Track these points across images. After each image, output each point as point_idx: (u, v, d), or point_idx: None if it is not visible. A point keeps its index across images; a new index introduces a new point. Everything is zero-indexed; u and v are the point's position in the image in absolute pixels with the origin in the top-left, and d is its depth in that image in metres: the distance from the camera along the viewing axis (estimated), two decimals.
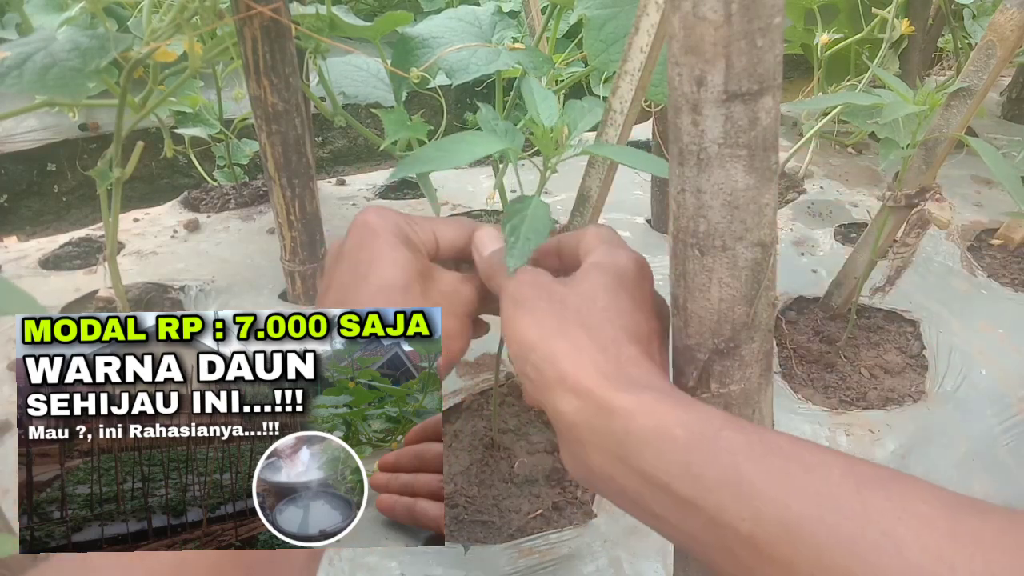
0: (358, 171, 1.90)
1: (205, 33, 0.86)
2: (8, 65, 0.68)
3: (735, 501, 0.27)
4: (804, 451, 0.27)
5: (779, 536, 0.25)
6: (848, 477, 0.26)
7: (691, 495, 0.28)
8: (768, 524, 0.26)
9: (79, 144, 1.85)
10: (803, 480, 0.26)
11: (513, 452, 0.83)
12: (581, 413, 0.32)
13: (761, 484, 0.26)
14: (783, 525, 0.25)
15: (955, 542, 0.23)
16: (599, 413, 0.31)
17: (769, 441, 0.28)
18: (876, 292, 0.96)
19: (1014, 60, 0.91)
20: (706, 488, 0.27)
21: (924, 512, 0.24)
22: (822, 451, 0.27)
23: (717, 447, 0.28)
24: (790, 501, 0.26)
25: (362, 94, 0.97)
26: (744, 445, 0.28)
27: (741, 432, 0.28)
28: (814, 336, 1.04)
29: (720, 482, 0.27)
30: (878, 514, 0.24)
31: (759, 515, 0.26)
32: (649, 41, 0.52)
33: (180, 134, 1.43)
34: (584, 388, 0.31)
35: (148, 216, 1.40)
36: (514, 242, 0.40)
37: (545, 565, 0.71)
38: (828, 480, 0.26)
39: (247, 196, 1.45)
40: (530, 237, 0.40)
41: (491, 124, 0.47)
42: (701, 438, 0.28)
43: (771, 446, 0.28)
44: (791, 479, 0.26)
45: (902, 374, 0.98)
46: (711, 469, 0.27)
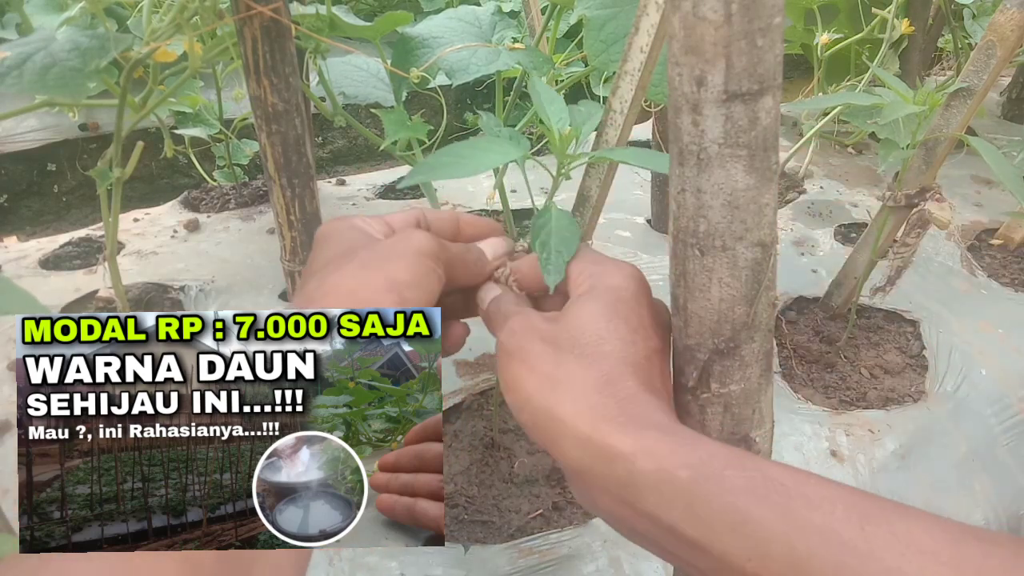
0: (358, 171, 1.90)
1: (205, 33, 0.86)
2: (8, 65, 0.68)
3: (740, 541, 0.27)
4: (807, 487, 0.27)
5: (784, 575, 0.26)
6: (852, 512, 0.26)
7: (697, 536, 0.28)
8: (773, 563, 0.26)
9: (79, 144, 1.85)
10: (807, 517, 0.26)
11: (513, 452, 0.83)
12: (584, 460, 0.32)
13: (765, 523, 0.27)
14: (788, 564, 0.26)
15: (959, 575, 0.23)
16: (600, 458, 0.31)
17: (772, 478, 0.28)
18: (876, 292, 0.96)
19: (1014, 60, 0.91)
20: (711, 529, 0.28)
21: (928, 546, 0.24)
22: (825, 485, 0.28)
23: (721, 488, 0.28)
24: (794, 539, 0.26)
25: (362, 94, 0.97)
26: (747, 484, 0.28)
27: (743, 470, 0.28)
28: (814, 336, 1.04)
29: (724, 523, 0.27)
30: (882, 550, 0.25)
31: (764, 554, 0.26)
32: (649, 41, 0.52)
33: (180, 134, 1.43)
34: (583, 435, 0.31)
35: (148, 216, 1.40)
36: (547, 258, 0.40)
37: (545, 565, 0.71)
38: (832, 516, 0.26)
39: (247, 196, 1.45)
40: (561, 249, 0.40)
41: (495, 131, 0.47)
42: (704, 479, 0.28)
43: (774, 484, 0.28)
44: (795, 517, 0.26)
45: (902, 374, 0.98)
46: (715, 510, 0.28)
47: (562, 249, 0.40)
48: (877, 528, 0.25)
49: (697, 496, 0.28)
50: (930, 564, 0.24)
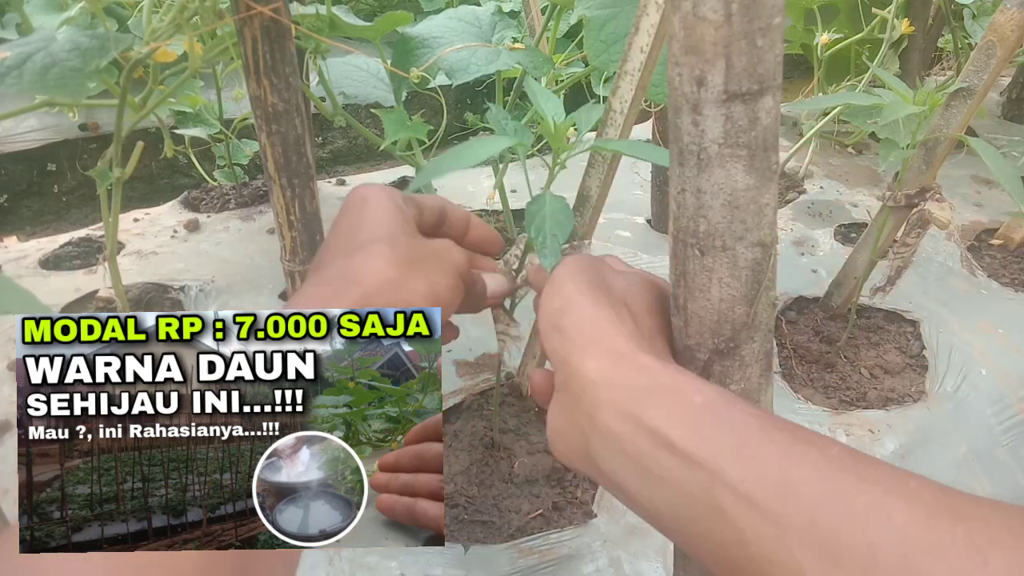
0: (358, 171, 1.90)
1: (205, 33, 0.86)
2: (8, 65, 0.68)
3: (738, 462, 0.28)
4: (809, 432, 0.30)
5: (775, 495, 0.27)
6: (847, 454, 0.28)
7: (696, 453, 0.29)
8: (766, 484, 0.27)
9: (79, 144, 1.85)
10: (804, 451, 0.28)
11: (513, 452, 0.83)
12: (606, 371, 0.33)
13: (764, 451, 0.28)
14: (780, 486, 0.27)
15: (943, 514, 0.25)
16: (626, 370, 0.33)
17: (778, 420, 0.30)
18: (876, 292, 0.96)
19: (1014, 60, 0.91)
20: (712, 449, 0.29)
21: (915, 488, 0.26)
22: (824, 437, 0.30)
23: (730, 416, 0.30)
24: (789, 469, 0.27)
25: (362, 94, 0.97)
26: (754, 419, 0.30)
27: (753, 408, 0.31)
28: (814, 336, 1.04)
29: (726, 445, 0.29)
30: (871, 484, 0.26)
31: (759, 476, 0.28)
32: (649, 41, 0.52)
33: (180, 134, 1.43)
34: (618, 349, 0.34)
35: (148, 216, 1.40)
36: (543, 242, 0.41)
37: (545, 565, 0.71)
38: (827, 453, 0.28)
39: (247, 196, 1.45)
40: (556, 233, 0.41)
41: (501, 124, 0.47)
42: (716, 407, 0.30)
43: (778, 423, 0.30)
44: (793, 449, 0.28)
45: (902, 374, 0.98)
46: (720, 433, 0.29)
47: (557, 232, 0.41)
48: (869, 469, 0.27)
49: (705, 418, 0.30)
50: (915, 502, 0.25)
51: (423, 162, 0.93)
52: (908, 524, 0.25)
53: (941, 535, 0.24)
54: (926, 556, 0.24)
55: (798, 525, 0.26)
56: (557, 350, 0.36)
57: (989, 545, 0.23)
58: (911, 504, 0.25)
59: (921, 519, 0.25)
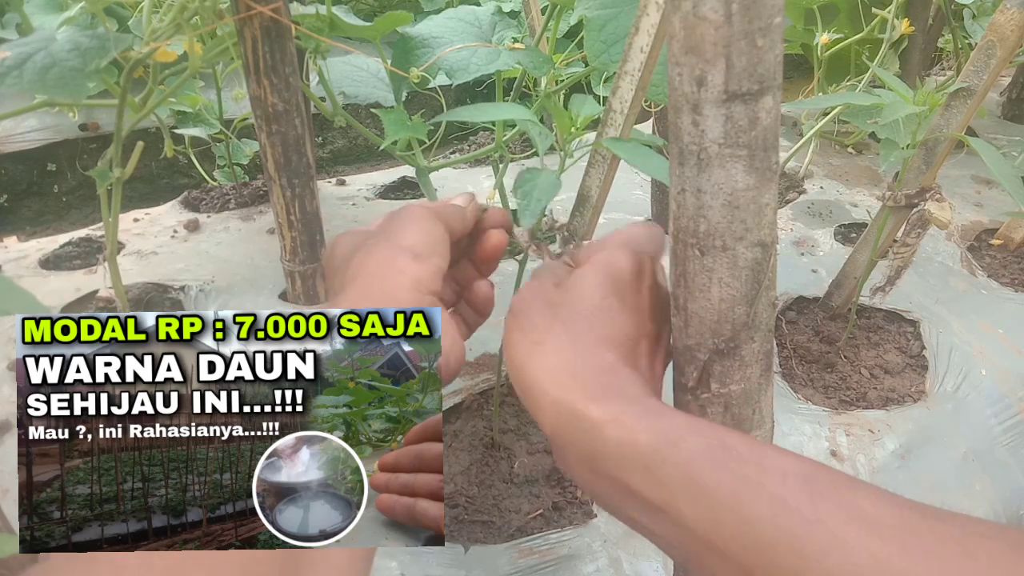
0: (358, 171, 1.90)
1: (205, 33, 0.86)
2: (8, 65, 0.68)
3: (694, 505, 0.28)
4: (763, 457, 0.28)
5: (733, 537, 0.26)
6: (802, 482, 0.27)
7: (654, 499, 0.29)
8: (723, 526, 0.27)
9: (79, 144, 1.85)
10: (758, 484, 0.27)
11: (513, 452, 0.83)
12: (557, 423, 0.33)
13: (718, 489, 0.27)
14: (736, 527, 0.26)
15: (901, 548, 0.24)
16: (571, 423, 0.32)
17: (730, 446, 0.29)
18: (876, 292, 0.96)
19: (1014, 60, 0.91)
20: (668, 492, 0.29)
21: (872, 516, 0.25)
22: (781, 456, 0.28)
23: (678, 453, 0.29)
24: (744, 505, 0.27)
25: (362, 94, 0.97)
26: (704, 450, 0.29)
27: (702, 437, 0.29)
28: (814, 336, 1.04)
29: (680, 487, 0.28)
30: (828, 518, 0.25)
31: (716, 519, 0.27)
32: (649, 41, 0.52)
33: (180, 134, 1.43)
34: (559, 399, 0.33)
35: (148, 216, 1.40)
36: (526, 204, 0.42)
37: (545, 565, 0.71)
38: (783, 485, 0.27)
39: (247, 196, 1.45)
40: (541, 198, 0.42)
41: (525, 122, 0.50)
42: (663, 445, 0.29)
43: (730, 452, 0.28)
44: (747, 483, 0.27)
45: (902, 374, 0.98)
46: (672, 474, 0.29)
47: (542, 198, 0.43)
48: (826, 498, 0.26)
49: (655, 460, 0.29)
50: (874, 535, 0.24)
51: (423, 162, 0.93)
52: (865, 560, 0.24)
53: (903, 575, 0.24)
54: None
55: (759, 570, 0.26)
56: (521, 400, 0.36)
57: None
58: (867, 540, 0.24)
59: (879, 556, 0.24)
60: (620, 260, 0.38)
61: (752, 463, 0.28)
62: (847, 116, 1.39)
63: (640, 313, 0.37)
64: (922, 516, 0.25)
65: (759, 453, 0.28)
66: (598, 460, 0.31)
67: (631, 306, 0.37)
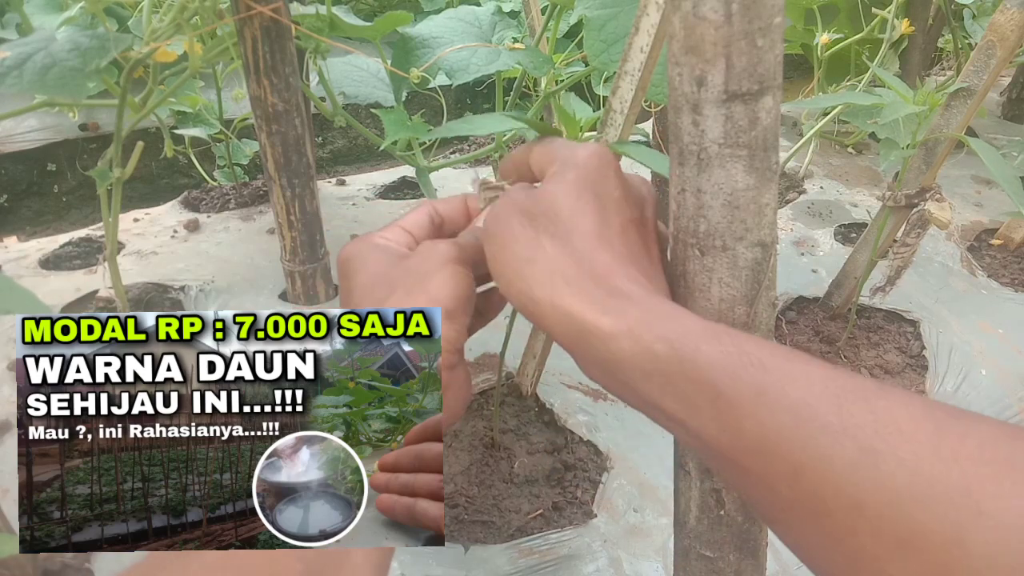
0: (358, 171, 1.90)
1: (205, 33, 0.87)
2: (8, 65, 0.68)
3: (714, 417, 0.27)
4: (786, 363, 0.27)
5: (756, 451, 0.26)
6: (829, 388, 0.25)
7: (674, 411, 0.28)
8: (746, 440, 0.26)
9: (79, 144, 1.85)
10: (781, 393, 0.26)
11: (513, 452, 0.83)
12: (568, 336, 0.32)
13: (738, 400, 0.26)
14: (760, 441, 0.25)
15: (934, 457, 0.23)
16: (584, 336, 0.31)
17: (748, 353, 0.27)
18: (876, 292, 0.96)
19: (1014, 60, 0.91)
20: (688, 404, 0.28)
21: (905, 427, 0.24)
22: (805, 361, 0.27)
23: (696, 363, 0.28)
24: (765, 417, 0.25)
25: (362, 94, 0.97)
26: (722, 360, 0.27)
27: (719, 345, 0.28)
28: (814, 336, 1.04)
29: (700, 398, 0.27)
30: (856, 428, 0.24)
31: (737, 430, 0.26)
32: (649, 41, 0.52)
33: (180, 134, 1.43)
34: (569, 313, 0.31)
35: (148, 216, 1.40)
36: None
37: (545, 565, 0.71)
38: (809, 392, 0.25)
39: (247, 196, 1.45)
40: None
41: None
42: (680, 355, 0.28)
43: (750, 359, 0.27)
44: (768, 393, 0.26)
45: (902, 374, 0.98)
46: (691, 386, 0.28)
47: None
48: (854, 407, 0.25)
49: (674, 372, 0.28)
50: (905, 444, 0.23)
51: (423, 162, 0.93)
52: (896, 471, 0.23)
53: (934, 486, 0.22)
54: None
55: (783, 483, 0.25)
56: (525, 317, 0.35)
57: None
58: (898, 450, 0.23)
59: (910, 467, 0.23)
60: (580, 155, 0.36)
61: (774, 370, 0.26)
62: (847, 116, 1.39)
63: (616, 202, 0.35)
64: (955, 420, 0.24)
65: (781, 358, 0.27)
66: (617, 371, 0.30)
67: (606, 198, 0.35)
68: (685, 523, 0.41)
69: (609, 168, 0.36)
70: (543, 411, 0.90)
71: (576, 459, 0.83)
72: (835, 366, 0.27)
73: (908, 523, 0.22)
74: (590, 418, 0.88)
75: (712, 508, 0.40)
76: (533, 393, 0.91)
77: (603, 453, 0.84)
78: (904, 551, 0.22)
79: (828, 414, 0.25)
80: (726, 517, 0.40)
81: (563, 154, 0.37)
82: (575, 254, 0.33)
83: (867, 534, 0.23)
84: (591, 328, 0.30)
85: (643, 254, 0.35)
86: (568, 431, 0.87)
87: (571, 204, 0.34)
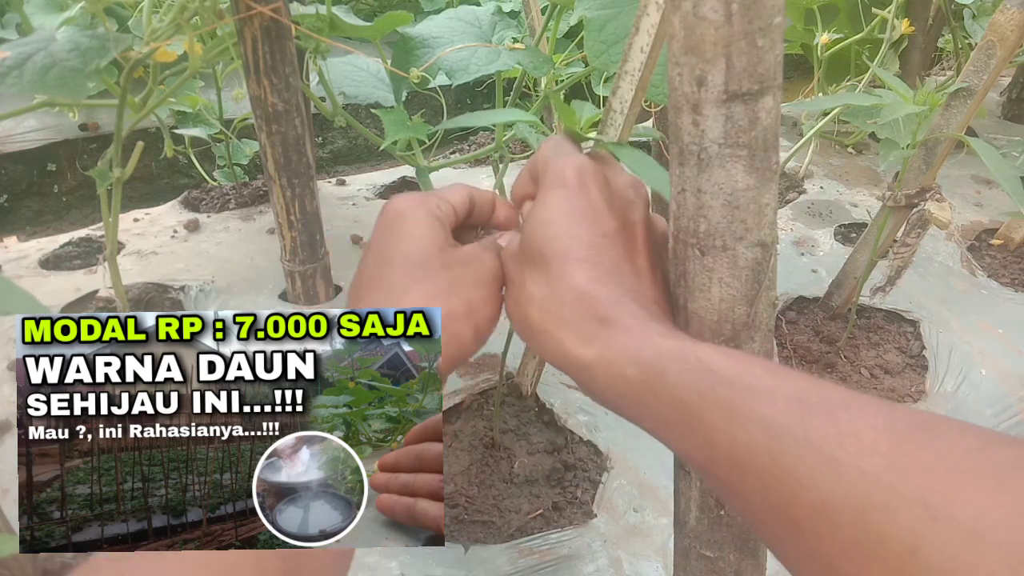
0: (358, 171, 1.90)
1: (205, 33, 0.87)
2: (8, 65, 0.68)
3: (688, 434, 0.28)
4: (752, 378, 0.28)
5: (728, 466, 0.27)
6: (792, 404, 0.26)
7: (655, 431, 0.30)
8: (719, 454, 0.27)
9: (79, 144, 1.85)
10: (749, 409, 0.27)
11: (513, 452, 0.83)
12: (562, 365, 0.34)
13: (708, 417, 0.27)
14: (731, 456, 0.27)
15: (892, 467, 0.23)
16: (570, 366, 0.33)
17: (716, 371, 0.28)
18: (876, 292, 0.96)
19: (1014, 60, 0.91)
20: (663, 424, 0.29)
21: (866, 437, 0.24)
22: (771, 375, 0.28)
23: (666, 385, 0.29)
24: (736, 431, 0.27)
25: (362, 94, 0.97)
26: (691, 380, 0.29)
27: (686, 364, 0.29)
28: (814, 336, 1.04)
29: (673, 418, 0.29)
30: (820, 440, 0.25)
31: (710, 445, 0.27)
32: (649, 41, 0.52)
33: (180, 134, 1.43)
34: (556, 345, 0.34)
35: (148, 216, 1.40)
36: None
37: (545, 565, 0.71)
38: (774, 408, 0.26)
39: (247, 196, 1.45)
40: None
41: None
42: (652, 377, 0.30)
43: (718, 378, 0.28)
44: (737, 410, 0.27)
45: (902, 374, 0.98)
46: (663, 408, 0.29)
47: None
48: (817, 419, 0.26)
49: (644, 394, 0.30)
50: (866, 455, 0.24)
51: (423, 162, 0.93)
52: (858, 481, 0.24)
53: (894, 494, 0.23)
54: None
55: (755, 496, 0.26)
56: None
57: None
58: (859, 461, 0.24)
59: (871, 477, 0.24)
60: (563, 169, 0.37)
61: (741, 387, 0.28)
62: (847, 116, 1.39)
63: (593, 214, 0.36)
64: (915, 430, 0.25)
65: (747, 374, 0.28)
66: (601, 396, 0.32)
67: (579, 213, 0.36)
68: (685, 523, 0.41)
69: (591, 181, 0.37)
70: (543, 411, 0.90)
71: (576, 459, 0.83)
72: (805, 377, 0.28)
73: (869, 531, 0.23)
74: (590, 418, 0.88)
75: (712, 508, 0.40)
76: (533, 393, 0.91)
77: (603, 453, 0.84)
78: (866, 559, 0.23)
79: (793, 427, 0.26)
80: (726, 517, 0.40)
81: (542, 171, 0.39)
82: (552, 283, 0.35)
83: (831, 542, 0.24)
84: (572, 359, 0.33)
85: (627, 266, 0.36)
86: (568, 431, 0.87)
87: (545, 231, 0.36)
